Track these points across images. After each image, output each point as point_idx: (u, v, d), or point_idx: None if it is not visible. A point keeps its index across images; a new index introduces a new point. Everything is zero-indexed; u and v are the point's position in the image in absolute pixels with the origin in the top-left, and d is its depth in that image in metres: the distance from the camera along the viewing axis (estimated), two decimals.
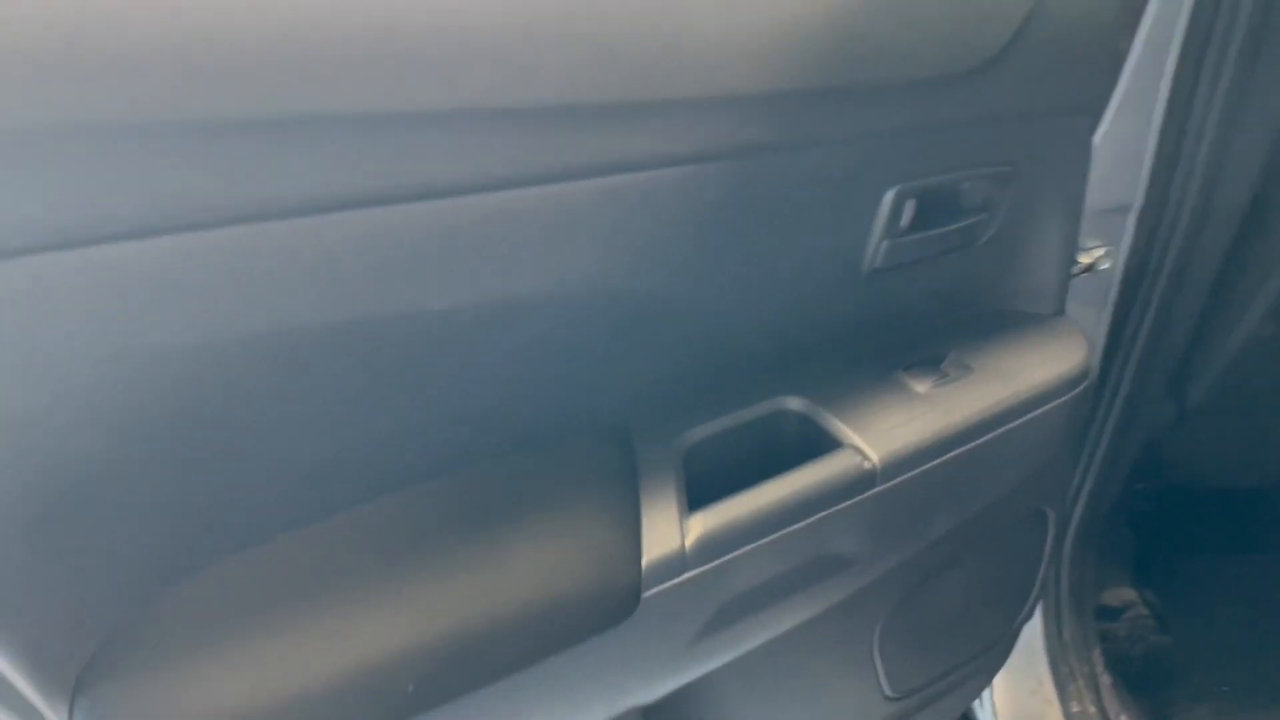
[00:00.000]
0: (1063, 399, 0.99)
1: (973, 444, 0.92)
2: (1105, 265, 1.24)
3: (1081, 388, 1.01)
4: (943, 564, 1.05)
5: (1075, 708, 1.46)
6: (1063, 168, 0.96)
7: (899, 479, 0.87)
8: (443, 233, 0.61)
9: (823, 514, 0.84)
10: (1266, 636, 1.68)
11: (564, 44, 0.58)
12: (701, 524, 0.77)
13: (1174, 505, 1.78)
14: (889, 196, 0.82)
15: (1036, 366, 0.98)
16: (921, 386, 0.93)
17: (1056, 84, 0.87)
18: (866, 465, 0.85)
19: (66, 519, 0.57)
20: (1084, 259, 1.23)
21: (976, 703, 1.55)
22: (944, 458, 0.90)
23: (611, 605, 0.74)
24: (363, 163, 0.56)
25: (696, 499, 0.80)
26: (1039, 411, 0.97)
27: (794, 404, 0.91)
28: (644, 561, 0.75)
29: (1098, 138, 1.14)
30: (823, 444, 0.88)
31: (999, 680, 1.53)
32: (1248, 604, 1.74)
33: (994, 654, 1.29)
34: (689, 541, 0.76)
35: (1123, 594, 1.78)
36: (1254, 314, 1.35)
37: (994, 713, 1.50)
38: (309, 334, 0.59)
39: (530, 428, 0.78)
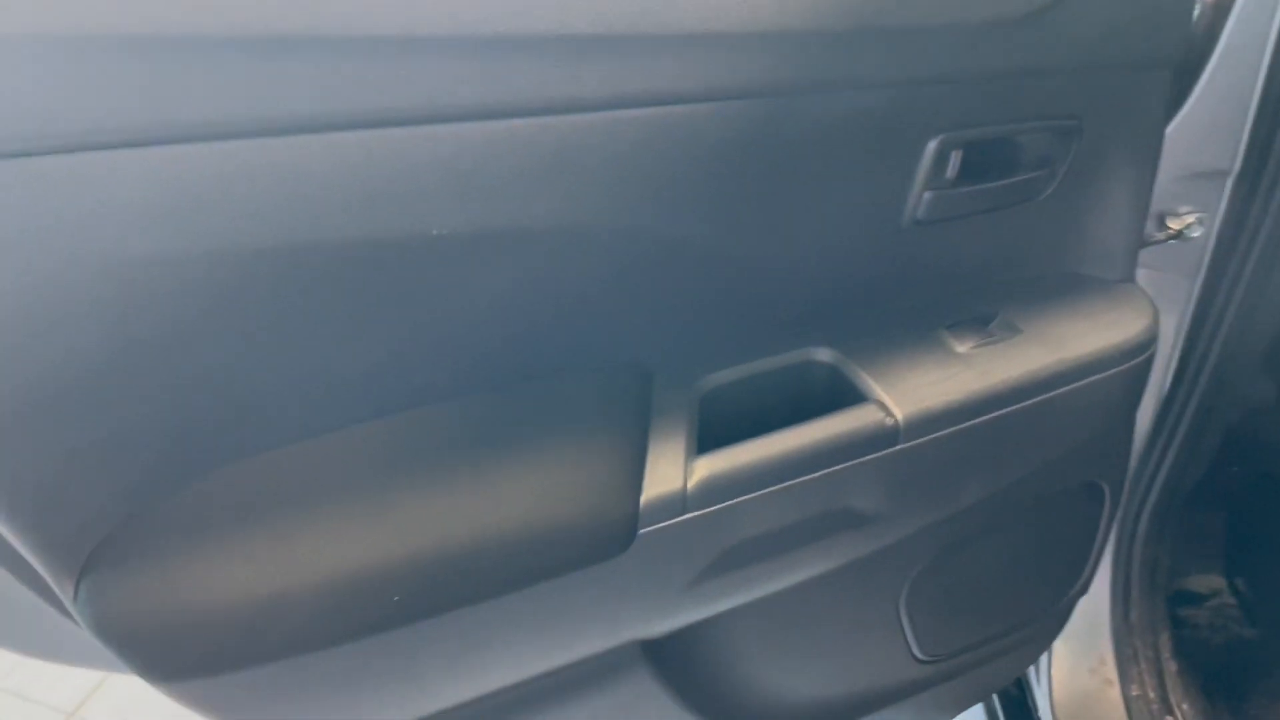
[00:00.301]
0: (1119, 368, 0.94)
1: (1010, 409, 0.89)
2: (1196, 233, 1.17)
3: (1142, 358, 0.96)
4: (980, 530, 1.02)
5: (1135, 691, 1.41)
6: (1134, 124, 0.90)
7: (924, 438, 0.85)
8: (448, 158, 0.62)
9: (837, 467, 0.82)
10: None
11: None
12: (707, 467, 0.77)
13: (1272, 496, 1.68)
14: (932, 146, 0.79)
15: (1091, 333, 0.93)
16: (962, 346, 0.90)
17: (1125, 34, 0.82)
18: (889, 422, 0.83)
19: (75, 414, 0.61)
20: (1173, 225, 1.16)
21: (1033, 674, 1.52)
22: (976, 420, 0.87)
23: (605, 538, 0.75)
24: (365, 84, 0.57)
25: (712, 443, 0.80)
26: (1090, 380, 0.92)
27: (823, 355, 0.89)
28: (643, 499, 0.75)
29: (1193, 96, 1.08)
30: (849, 398, 0.86)
31: (1059, 654, 1.49)
32: None
33: (1043, 627, 1.25)
34: (691, 483, 0.77)
35: (1210, 581, 1.70)
36: None
37: (1050, 686, 1.46)
38: (310, 250, 0.61)
39: (544, 360, 0.79)
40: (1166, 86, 0.89)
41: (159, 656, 0.66)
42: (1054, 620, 1.26)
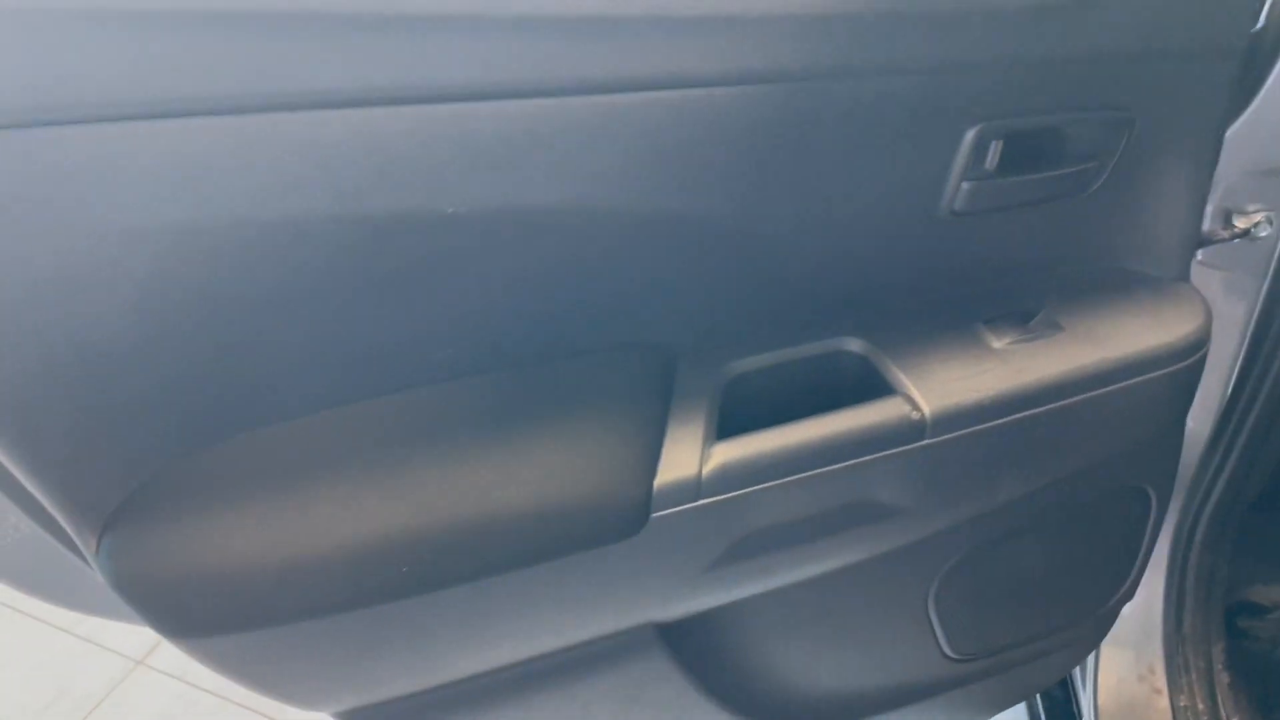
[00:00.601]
0: (1167, 370, 0.91)
1: (1045, 408, 0.86)
2: (1265, 232, 1.12)
3: (1193, 360, 0.92)
4: (1015, 529, 1.00)
5: (1184, 701, 1.36)
6: (1191, 117, 0.86)
7: (952, 434, 0.84)
8: (472, 136, 0.62)
9: (859, 460, 0.81)
10: None
11: None
12: (723, 454, 0.77)
13: None
14: (970, 135, 0.77)
15: (1138, 332, 0.90)
16: (999, 341, 0.88)
17: (1182, 22, 0.78)
18: (915, 416, 0.81)
19: (101, 377, 0.63)
20: (1240, 223, 1.12)
21: (1078, 678, 1.48)
22: (1008, 418, 0.85)
23: (617, 520, 0.75)
24: (389, 61, 0.58)
25: (735, 430, 0.80)
26: (1135, 381, 0.90)
27: (854, 345, 0.88)
28: (656, 482, 0.75)
29: (1264, 90, 1.03)
30: (878, 390, 0.85)
31: (1107, 658, 1.45)
32: None
33: (1086, 632, 1.22)
34: (706, 469, 0.76)
35: (1273, 592, 1.64)
36: None
37: (1095, 691, 1.43)
38: (332, 224, 0.63)
39: (568, 340, 0.80)
40: (1227, 79, 0.85)
41: (174, 613, 0.68)
42: (1098, 626, 1.23)
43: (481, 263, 0.70)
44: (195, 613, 0.69)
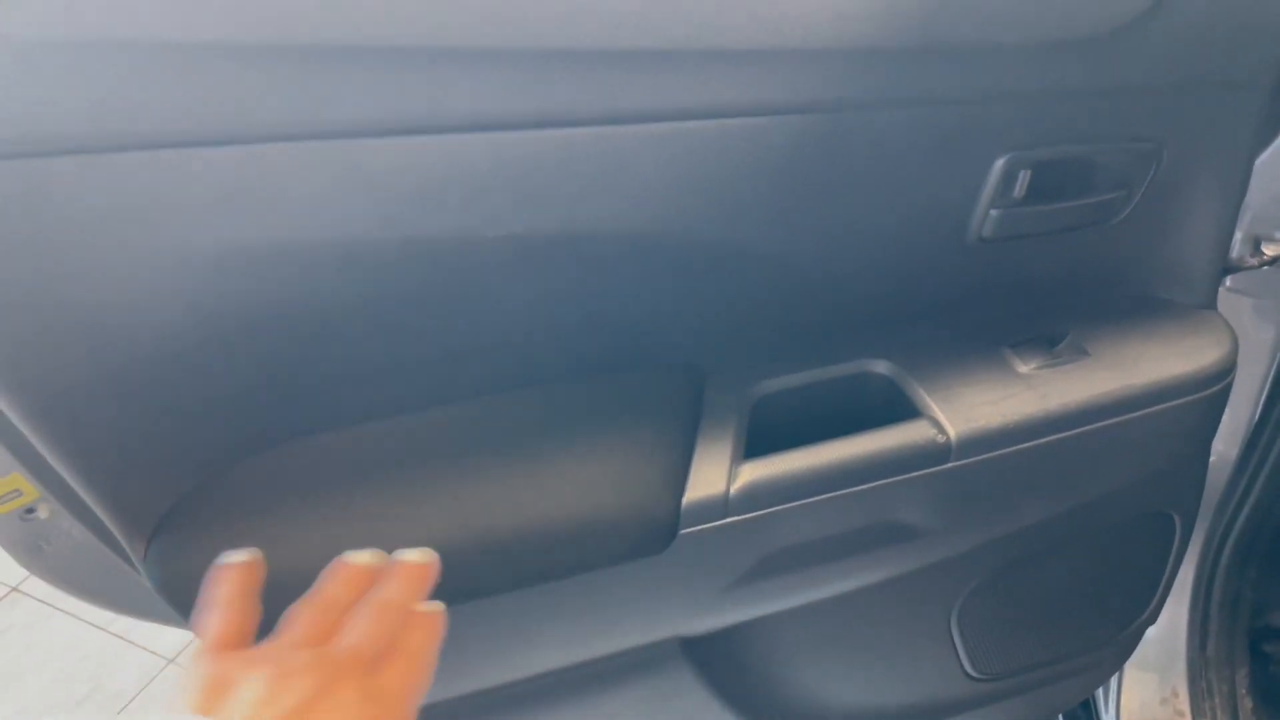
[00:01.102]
0: (1191, 398, 0.91)
1: (1069, 433, 0.87)
2: None
3: (1218, 388, 0.93)
4: (1039, 552, 1.01)
5: None
6: (1219, 148, 0.87)
7: (978, 458, 0.85)
8: (512, 164, 0.65)
9: (885, 481, 0.83)
10: None
11: None
12: (751, 472, 0.79)
13: None
14: (999, 164, 0.79)
15: (1164, 359, 0.91)
16: (1025, 366, 0.89)
17: (1211, 56, 0.79)
18: (940, 439, 0.83)
19: (152, 389, 0.66)
20: (1269, 250, 1.12)
21: (1101, 699, 1.48)
22: (1033, 443, 0.86)
23: (645, 535, 0.77)
24: (430, 93, 0.60)
25: (762, 449, 0.82)
26: (1159, 408, 0.90)
27: (880, 367, 0.89)
28: (685, 499, 0.77)
29: None
30: (904, 412, 0.87)
31: (1130, 681, 1.45)
32: None
33: (1109, 655, 1.22)
34: (734, 488, 0.78)
35: None
36: None
37: (1117, 712, 1.43)
38: (375, 247, 0.65)
39: (600, 359, 0.82)
40: (1257, 111, 0.86)
41: None
42: (1121, 648, 1.23)
43: (518, 284, 0.72)
44: None
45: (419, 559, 0.56)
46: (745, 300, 0.83)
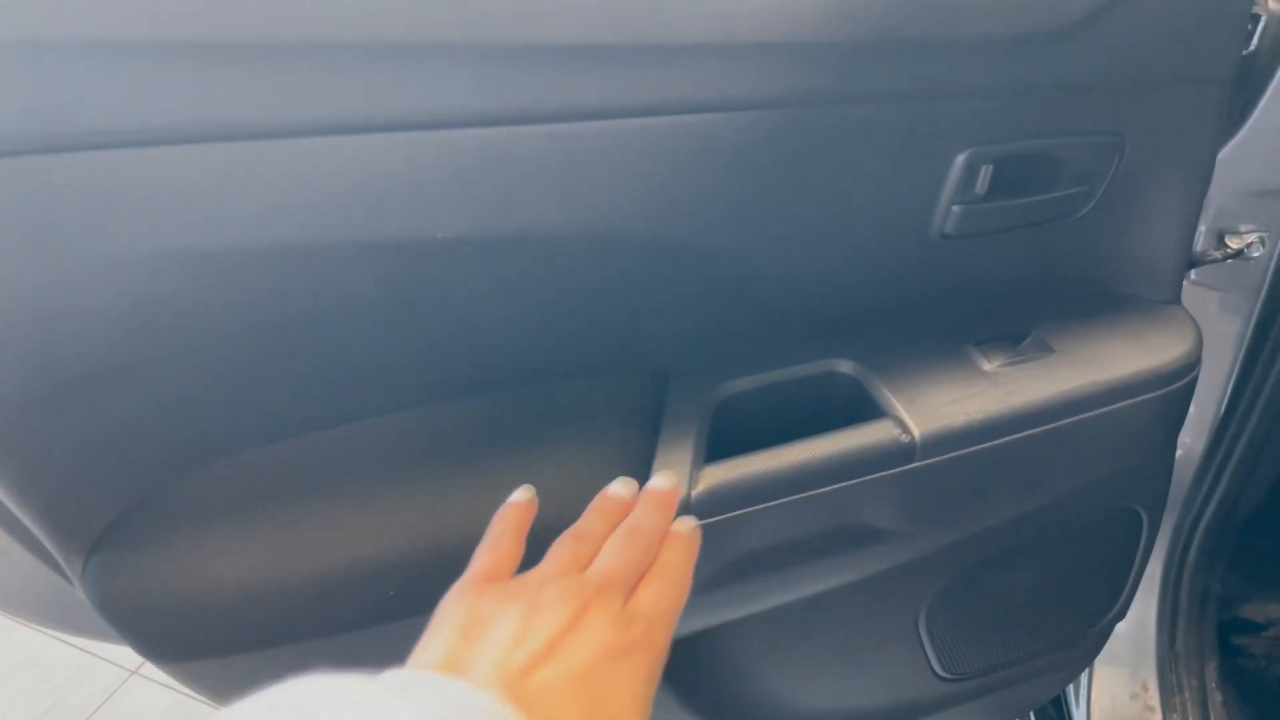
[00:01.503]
0: (1157, 393, 0.91)
1: (1034, 431, 0.86)
2: (1258, 252, 1.12)
3: (1183, 383, 0.92)
4: (1006, 551, 1.00)
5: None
6: (1182, 142, 0.86)
7: (942, 457, 0.84)
8: (461, 163, 0.63)
9: (850, 483, 0.81)
10: None
11: None
12: (712, 476, 0.77)
13: None
14: (960, 159, 0.77)
15: (1129, 355, 0.90)
16: (989, 364, 0.88)
17: (1174, 49, 0.79)
18: (905, 439, 0.82)
19: (89, 400, 0.63)
20: (1233, 243, 1.12)
21: (1072, 696, 1.48)
22: (998, 441, 0.85)
23: None
24: (378, 89, 0.58)
25: (725, 452, 0.80)
26: (1125, 404, 0.90)
27: (844, 367, 0.88)
28: None
29: (1257, 111, 1.03)
30: (869, 412, 0.85)
31: (1100, 676, 1.45)
32: None
33: (1078, 652, 1.22)
34: (695, 492, 0.76)
35: (1269, 609, 1.64)
36: None
37: (1088, 709, 1.43)
38: (320, 250, 0.63)
39: (558, 363, 0.80)
40: (1218, 104, 0.85)
41: (160, 637, 0.69)
42: (1089, 645, 1.23)
43: (472, 287, 0.70)
44: (180, 637, 0.69)
45: (665, 485, 0.59)
46: (706, 301, 0.81)
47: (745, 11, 0.63)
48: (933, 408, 0.84)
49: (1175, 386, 0.92)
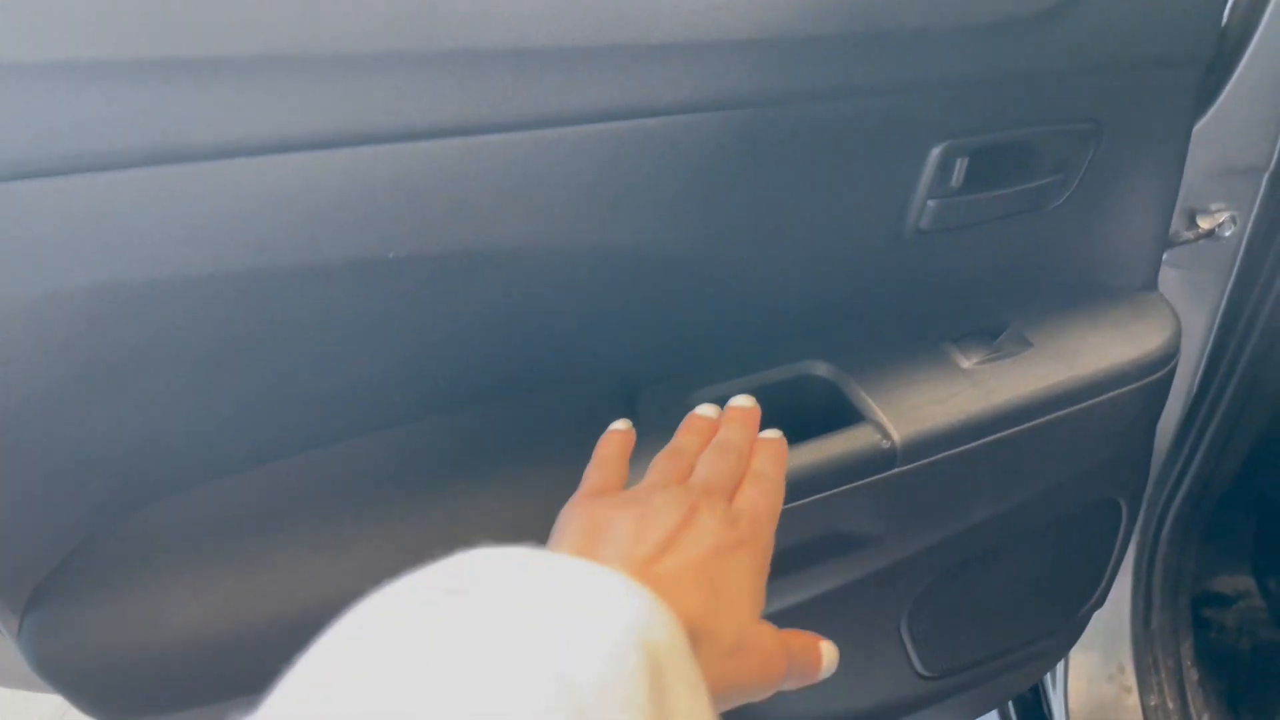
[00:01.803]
0: (1137, 384, 0.89)
1: (1016, 429, 0.84)
2: (1229, 231, 1.10)
3: (1163, 373, 0.90)
4: (987, 549, 0.98)
5: (1154, 700, 1.36)
6: (1158, 125, 0.84)
7: (924, 461, 0.81)
8: (410, 178, 0.58)
9: (831, 492, 0.78)
10: None
11: None
12: None
13: None
14: (935, 153, 0.74)
15: (1108, 346, 0.88)
16: (967, 361, 0.85)
17: (1151, 30, 0.76)
18: (885, 445, 0.78)
19: (19, 447, 0.58)
20: (1204, 223, 1.10)
21: (1048, 680, 1.48)
22: (980, 441, 0.83)
23: None
24: (323, 105, 0.53)
25: None
26: (1106, 397, 0.87)
27: (820, 369, 0.85)
28: None
29: (1227, 89, 1.01)
30: (846, 415, 0.82)
31: (1076, 660, 1.44)
32: None
33: (1055, 641, 1.21)
34: None
35: (1238, 582, 1.64)
36: None
37: (1065, 692, 1.42)
38: (261, 275, 0.58)
39: (524, 378, 0.76)
40: (1195, 84, 0.83)
41: (104, 695, 0.64)
42: (1068, 633, 1.22)
43: (427, 306, 0.66)
44: (126, 694, 0.64)
45: (747, 403, 0.64)
46: (675, 309, 0.77)
47: (710, 9, 0.59)
48: (912, 409, 0.81)
49: (1156, 376, 0.90)
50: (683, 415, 0.80)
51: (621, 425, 0.63)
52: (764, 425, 0.83)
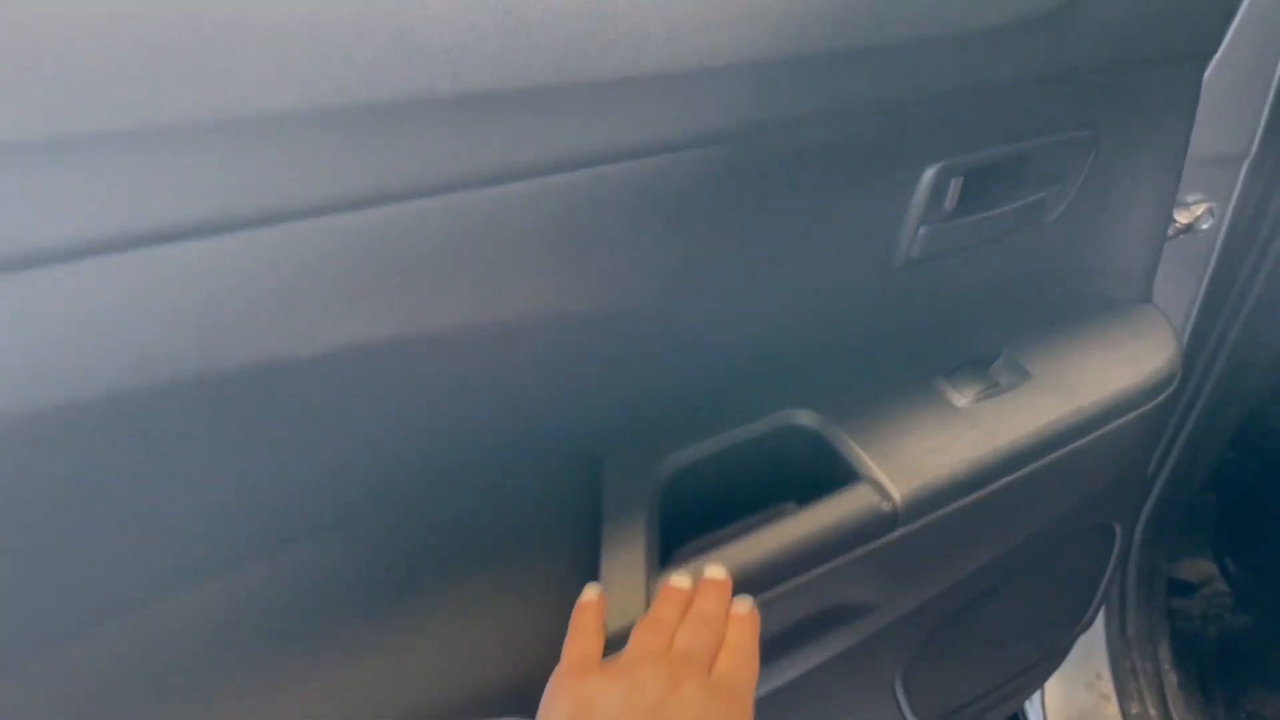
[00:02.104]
0: (1139, 411, 0.81)
1: (1020, 472, 0.75)
2: (1207, 224, 1.04)
3: (1164, 396, 0.83)
4: (983, 593, 0.90)
5: (1135, 708, 1.31)
6: (1158, 127, 0.76)
7: (925, 519, 0.72)
8: (319, 260, 0.46)
9: (829, 566, 0.69)
10: None
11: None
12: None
13: (1267, 475, 1.58)
14: (928, 175, 0.65)
15: (1108, 371, 0.80)
16: (963, 398, 0.77)
17: (1155, 24, 0.67)
18: (886, 507, 0.69)
19: None
20: (1181, 217, 1.03)
21: None
22: (983, 491, 0.74)
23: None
24: (203, 181, 0.41)
25: (678, 537, 0.67)
26: (1109, 427, 0.80)
27: (805, 419, 0.75)
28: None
29: (1203, 79, 0.94)
30: (836, 470, 0.73)
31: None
32: None
33: (1044, 665, 1.14)
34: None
35: (1200, 567, 1.61)
36: None
37: (1043, 702, 1.36)
38: (143, 396, 0.46)
39: (477, 465, 0.64)
40: (1197, 82, 0.75)
41: None
42: (1056, 656, 1.16)
43: (367, 396, 0.54)
44: None
45: (719, 575, 0.62)
46: (644, 366, 0.67)
47: (676, 37, 0.48)
48: (911, 460, 0.72)
49: (1158, 400, 0.82)
50: (650, 488, 0.70)
51: (592, 595, 0.61)
52: (748, 488, 0.74)
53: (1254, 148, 0.97)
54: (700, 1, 0.47)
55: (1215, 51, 0.73)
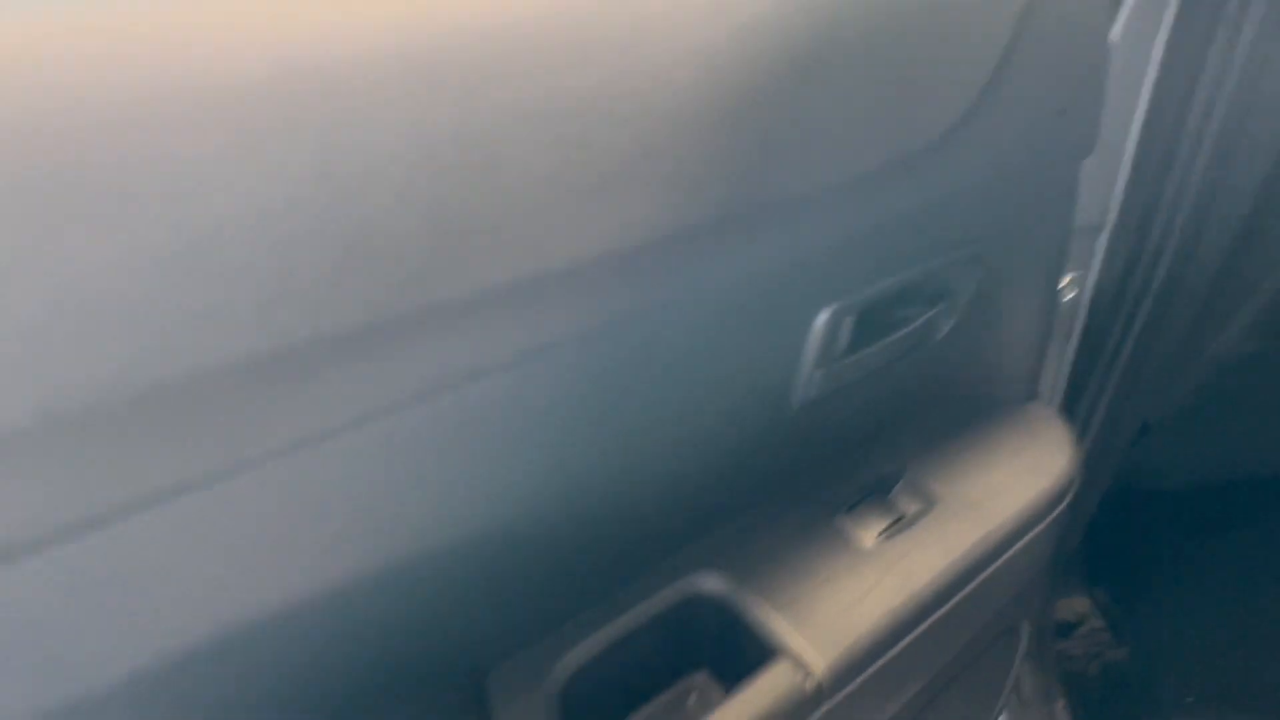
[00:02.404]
0: (1045, 521, 0.77)
1: (940, 611, 0.70)
2: (1072, 294, 1.03)
3: (1066, 501, 0.80)
4: None
5: None
6: (1042, 224, 0.73)
7: (850, 686, 0.65)
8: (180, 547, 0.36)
9: None
10: (1229, 636, 1.55)
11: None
12: None
13: (1129, 507, 1.61)
14: (821, 320, 0.59)
15: (1011, 484, 0.76)
16: (869, 537, 0.71)
17: (1045, 124, 0.64)
18: (809, 685, 0.62)
19: None
20: None
21: None
22: (904, 642, 0.68)
23: None
24: None
25: None
26: (1019, 545, 0.75)
27: (710, 584, 0.68)
28: None
29: None
30: (748, 639, 0.66)
31: None
32: (1207, 603, 1.60)
33: None
34: None
35: (1075, 604, 1.62)
36: (1231, 334, 1.16)
37: None
38: None
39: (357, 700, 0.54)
40: (1075, 184, 0.72)
41: None
42: None
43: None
44: None
45: None
46: (526, 574, 0.58)
47: (549, 234, 0.40)
48: (826, 621, 0.65)
49: (1061, 508, 0.79)
50: (539, 703, 0.61)
51: None
52: (653, 659, 0.66)
53: (1112, 217, 0.97)
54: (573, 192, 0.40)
55: (1093, 148, 0.70)
